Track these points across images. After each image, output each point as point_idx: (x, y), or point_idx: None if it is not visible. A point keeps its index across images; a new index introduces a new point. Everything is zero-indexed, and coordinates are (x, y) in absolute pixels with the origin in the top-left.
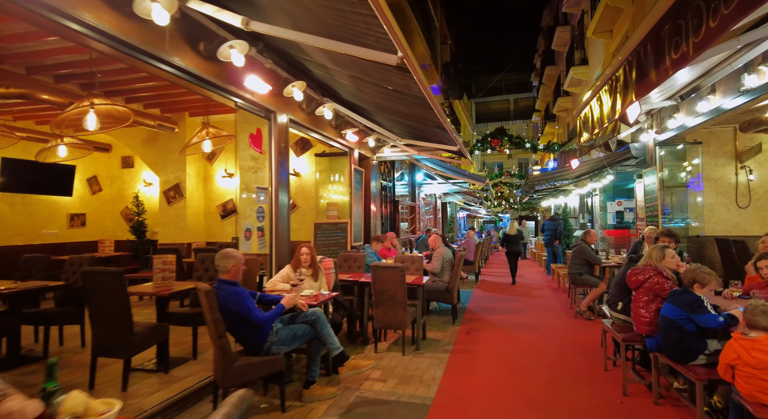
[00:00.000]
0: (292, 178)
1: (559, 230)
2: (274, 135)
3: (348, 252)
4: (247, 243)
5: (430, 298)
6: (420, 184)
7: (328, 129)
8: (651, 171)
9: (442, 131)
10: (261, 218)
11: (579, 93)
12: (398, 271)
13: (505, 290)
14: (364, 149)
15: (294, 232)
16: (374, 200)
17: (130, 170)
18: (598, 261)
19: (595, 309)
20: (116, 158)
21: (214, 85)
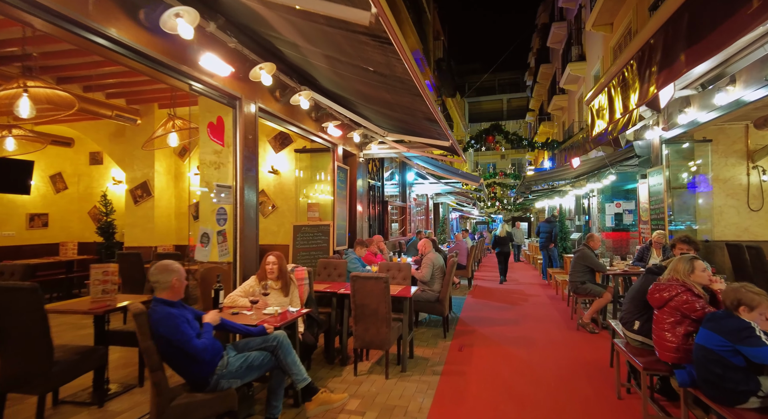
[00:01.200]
0: (271, 176)
1: (554, 233)
2: (240, 126)
3: (328, 258)
4: (204, 250)
5: (419, 309)
6: (411, 184)
7: (307, 122)
8: (656, 171)
9: (433, 124)
10: (222, 221)
11: (575, 91)
12: (381, 282)
13: (499, 297)
14: (350, 146)
15: (272, 235)
16: (361, 201)
17: (99, 167)
18: (602, 269)
19: (599, 321)
20: (83, 154)
21: (162, 64)
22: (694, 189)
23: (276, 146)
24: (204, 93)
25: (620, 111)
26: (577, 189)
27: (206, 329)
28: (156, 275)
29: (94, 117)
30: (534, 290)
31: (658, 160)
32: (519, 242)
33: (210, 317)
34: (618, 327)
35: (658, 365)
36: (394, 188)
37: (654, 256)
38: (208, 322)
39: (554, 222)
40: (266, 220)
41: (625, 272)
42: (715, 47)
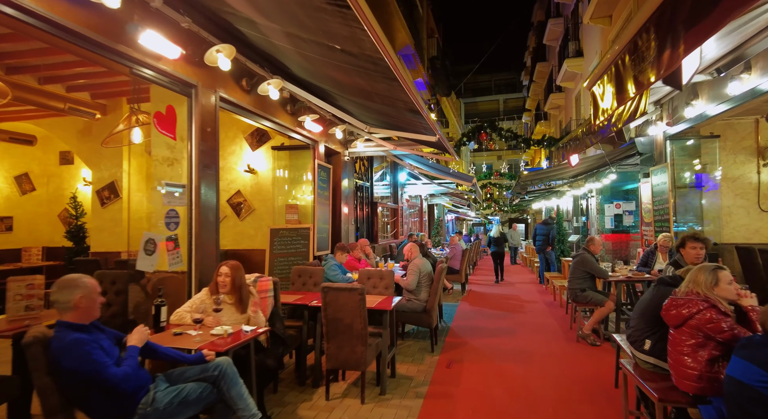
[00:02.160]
0: (247, 176)
1: (551, 236)
2: (196, 117)
3: (303, 266)
4: (148, 259)
5: (405, 320)
6: (403, 184)
7: (281, 115)
8: (660, 169)
9: (416, 116)
10: (173, 225)
11: (573, 88)
12: (356, 294)
13: (494, 303)
14: (333, 143)
15: (249, 239)
16: (346, 202)
17: (70, 167)
18: (604, 275)
19: (600, 332)
20: (53, 153)
21: (88, 41)
22: (700, 189)
23: (253, 143)
24: (151, 79)
25: (632, 91)
26: (575, 190)
27: (130, 353)
28: (55, 293)
29: (48, 111)
30: (531, 295)
31: (661, 157)
32: (515, 244)
33: (135, 337)
34: (624, 344)
35: (675, 394)
36: (385, 188)
37: (660, 261)
38: (133, 345)
39: (551, 224)
40: (243, 223)
41: (628, 278)
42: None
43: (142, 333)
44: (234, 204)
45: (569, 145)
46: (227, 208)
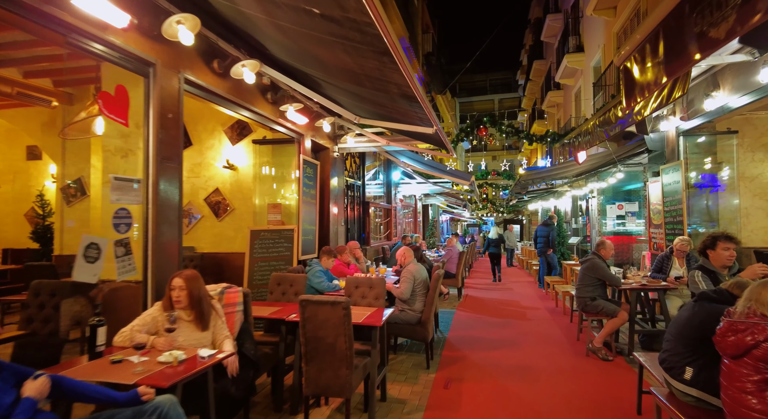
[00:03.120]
0: (227, 172)
1: (551, 237)
2: (155, 100)
3: (283, 272)
4: (88, 267)
5: (397, 333)
6: (397, 184)
7: (261, 104)
8: (672, 168)
9: (411, 104)
10: (124, 227)
11: (572, 85)
12: (338, 309)
13: (493, 309)
14: (321, 138)
15: (229, 241)
16: (336, 201)
17: (38, 163)
18: (616, 282)
19: (613, 346)
20: (19, 148)
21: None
22: (716, 188)
23: (233, 136)
24: (96, 53)
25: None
26: (576, 190)
27: (21, 409)
28: None
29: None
30: (531, 300)
31: (674, 155)
32: (512, 246)
33: (31, 389)
34: (651, 365)
35: None
36: (379, 188)
37: (676, 266)
38: (28, 397)
39: (552, 225)
40: (221, 223)
41: (643, 286)
42: None
43: (42, 384)
44: (212, 203)
45: (576, 140)
46: (205, 207)
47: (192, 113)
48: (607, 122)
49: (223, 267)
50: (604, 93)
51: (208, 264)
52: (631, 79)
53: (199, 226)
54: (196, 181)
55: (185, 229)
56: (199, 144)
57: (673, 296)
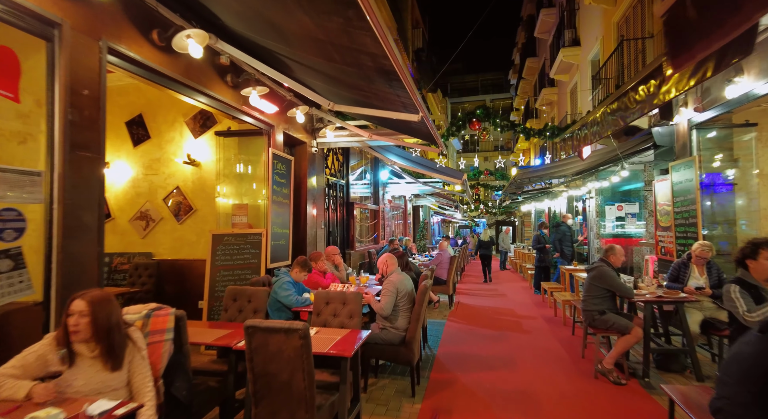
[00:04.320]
0: (188, 168)
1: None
2: (63, 72)
3: (240, 286)
4: None
5: (378, 356)
6: (385, 183)
7: (219, 88)
8: (684, 164)
9: (392, 83)
10: (11, 233)
11: (567, 81)
12: (294, 337)
13: (487, 319)
14: (295, 130)
15: (190, 247)
16: (315, 202)
17: None
18: (628, 293)
19: (625, 367)
20: None
21: None
22: (732, 187)
23: (195, 128)
24: None
25: None
26: (573, 190)
27: None
28: None
29: None
30: (527, 308)
31: (685, 150)
32: (505, 248)
33: None
34: (690, 407)
35: None
36: (365, 188)
37: (695, 275)
38: None
39: (563, 226)
40: (182, 226)
41: (659, 298)
42: None
43: None
44: (172, 204)
45: (581, 133)
46: (163, 208)
47: (150, 102)
48: (623, 108)
49: (184, 276)
50: (604, 87)
51: (167, 273)
52: (678, 34)
53: (157, 230)
54: (154, 179)
55: (142, 233)
56: (158, 137)
57: (693, 309)
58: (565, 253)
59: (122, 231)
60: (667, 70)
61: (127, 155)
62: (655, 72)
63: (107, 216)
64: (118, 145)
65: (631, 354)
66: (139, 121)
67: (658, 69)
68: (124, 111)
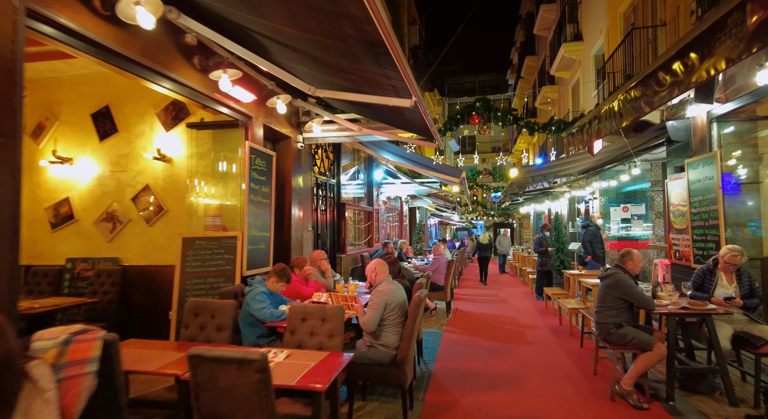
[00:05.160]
0: (159, 164)
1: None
2: None
3: (202, 299)
4: None
5: (364, 378)
6: (379, 184)
7: (185, 71)
8: (703, 161)
9: (380, 60)
10: None
11: (569, 78)
12: (249, 371)
13: (488, 328)
14: (279, 124)
15: (162, 251)
16: (301, 203)
17: None
18: (649, 305)
19: (647, 388)
20: None
21: None
22: (757, 186)
23: (167, 121)
24: None
25: None
26: (576, 190)
27: None
28: None
29: None
30: (530, 317)
31: (704, 145)
32: (504, 251)
33: None
34: None
35: None
36: (359, 188)
37: (723, 283)
38: None
39: (591, 225)
40: (153, 229)
41: (684, 310)
42: None
43: None
44: (141, 204)
45: (594, 124)
46: (132, 209)
47: (118, 92)
48: (649, 91)
49: (154, 284)
50: (610, 81)
51: (135, 280)
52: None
53: (125, 233)
54: (122, 176)
55: (108, 236)
56: (126, 131)
57: (722, 322)
58: (597, 254)
59: (87, 234)
60: (752, 17)
61: (92, 150)
62: (695, 44)
63: (70, 218)
64: (82, 139)
65: (650, 371)
66: (106, 113)
67: (701, 39)
68: (89, 102)
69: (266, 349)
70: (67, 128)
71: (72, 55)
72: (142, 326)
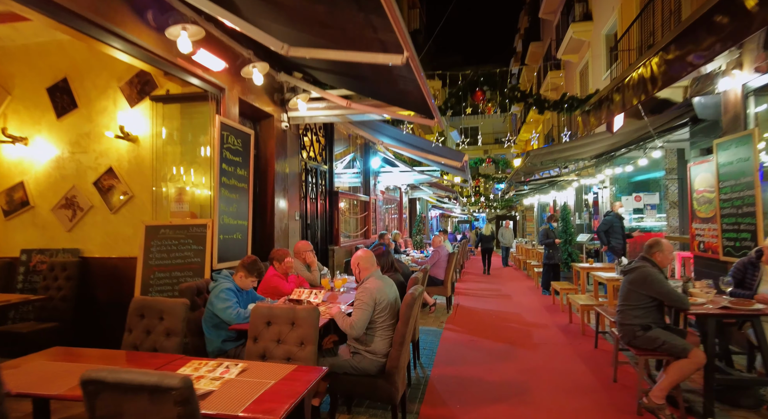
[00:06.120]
0: (123, 144)
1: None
2: None
3: (147, 298)
4: None
5: (347, 391)
6: (377, 172)
7: (138, 30)
8: (736, 141)
9: (361, 4)
10: None
11: (577, 62)
12: (165, 402)
13: (491, 328)
14: (259, 99)
15: (126, 241)
16: (286, 189)
17: None
18: (683, 303)
19: (680, 401)
20: None
21: None
22: None
23: (132, 95)
24: None
25: None
26: (585, 178)
27: None
28: None
29: None
30: (537, 314)
31: (737, 123)
32: (507, 243)
33: None
34: None
35: None
36: (355, 177)
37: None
38: None
39: (610, 214)
40: (117, 216)
41: (726, 310)
42: None
43: None
44: (104, 189)
45: (614, 99)
46: (94, 195)
47: (77, 64)
48: (691, 47)
49: (119, 278)
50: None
51: (97, 274)
52: None
53: (86, 221)
54: (83, 158)
55: (68, 224)
56: (86, 107)
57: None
58: (614, 246)
59: (44, 223)
60: None
61: (49, 128)
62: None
63: (25, 204)
64: (37, 116)
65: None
66: (64, 86)
67: None
68: (45, 75)
69: (218, 361)
70: (20, 104)
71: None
72: (105, 326)
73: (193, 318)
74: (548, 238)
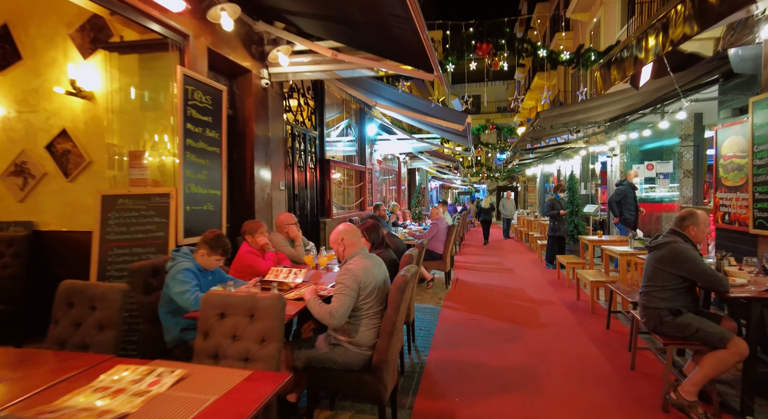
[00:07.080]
0: (78, 101)
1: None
2: None
3: (78, 282)
4: None
5: (327, 386)
6: (373, 140)
7: None
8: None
9: None
10: None
11: (587, 21)
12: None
13: (493, 305)
14: (234, 53)
15: (85, 213)
16: (268, 156)
17: None
18: (723, 285)
19: (714, 397)
20: None
21: None
22: None
23: (84, 45)
24: None
25: None
26: (594, 146)
27: None
28: None
29: None
30: (541, 290)
31: None
32: (509, 215)
33: None
34: None
35: None
36: (350, 145)
37: None
38: None
39: (623, 183)
40: (74, 185)
41: (763, 294)
42: None
43: None
44: (58, 153)
45: (642, 46)
46: (47, 160)
47: (20, 7)
48: None
49: (79, 254)
50: (642, 15)
51: (54, 250)
52: None
53: (40, 190)
54: (32, 118)
55: (19, 194)
56: (32, 59)
57: None
58: (626, 218)
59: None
60: None
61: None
62: None
63: None
64: None
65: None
66: (4, 34)
67: None
68: None
69: (150, 367)
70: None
71: None
72: None
73: (148, 302)
74: (554, 209)
